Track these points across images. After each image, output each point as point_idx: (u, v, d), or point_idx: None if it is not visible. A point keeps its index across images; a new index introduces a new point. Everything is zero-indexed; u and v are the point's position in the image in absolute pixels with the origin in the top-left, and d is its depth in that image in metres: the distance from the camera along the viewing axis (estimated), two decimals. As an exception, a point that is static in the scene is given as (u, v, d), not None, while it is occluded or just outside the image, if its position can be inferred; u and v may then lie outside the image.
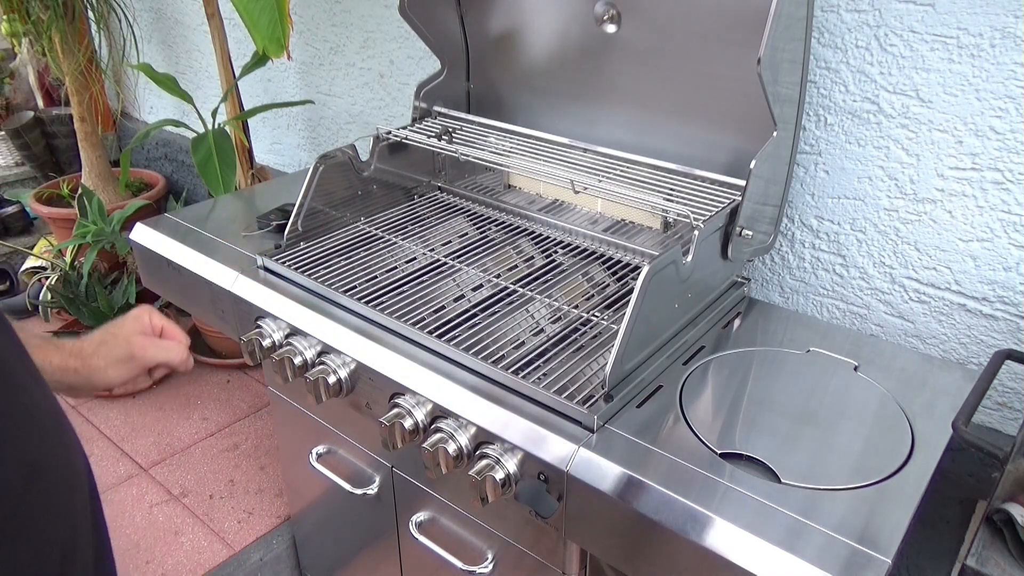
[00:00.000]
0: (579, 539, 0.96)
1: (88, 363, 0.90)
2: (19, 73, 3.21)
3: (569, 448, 0.89)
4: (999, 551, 0.85)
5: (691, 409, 0.97)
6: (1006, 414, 1.16)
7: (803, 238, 1.29)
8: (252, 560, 1.62)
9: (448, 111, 1.47)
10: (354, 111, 2.02)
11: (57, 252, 2.31)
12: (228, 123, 1.99)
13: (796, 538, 0.77)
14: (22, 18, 2.27)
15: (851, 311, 1.28)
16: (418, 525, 1.20)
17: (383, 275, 1.24)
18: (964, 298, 1.15)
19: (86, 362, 0.90)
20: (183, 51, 2.57)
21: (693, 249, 1.02)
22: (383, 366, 1.06)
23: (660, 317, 1.03)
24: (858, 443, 0.92)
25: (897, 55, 1.10)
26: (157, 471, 1.83)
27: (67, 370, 0.88)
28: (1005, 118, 1.04)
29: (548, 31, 1.34)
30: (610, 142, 1.30)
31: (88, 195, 2.19)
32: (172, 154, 2.79)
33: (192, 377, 2.17)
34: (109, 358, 0.92)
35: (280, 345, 1.18)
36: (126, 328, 0.96)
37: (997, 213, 1.08)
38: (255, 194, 1.70)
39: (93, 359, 0.91)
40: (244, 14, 1.56)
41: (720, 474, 0.86)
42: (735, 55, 1.11)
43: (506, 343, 1.06)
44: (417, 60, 1.78)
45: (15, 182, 3.11)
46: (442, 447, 0.96)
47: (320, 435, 1.33)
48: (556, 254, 1.32)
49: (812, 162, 1.24)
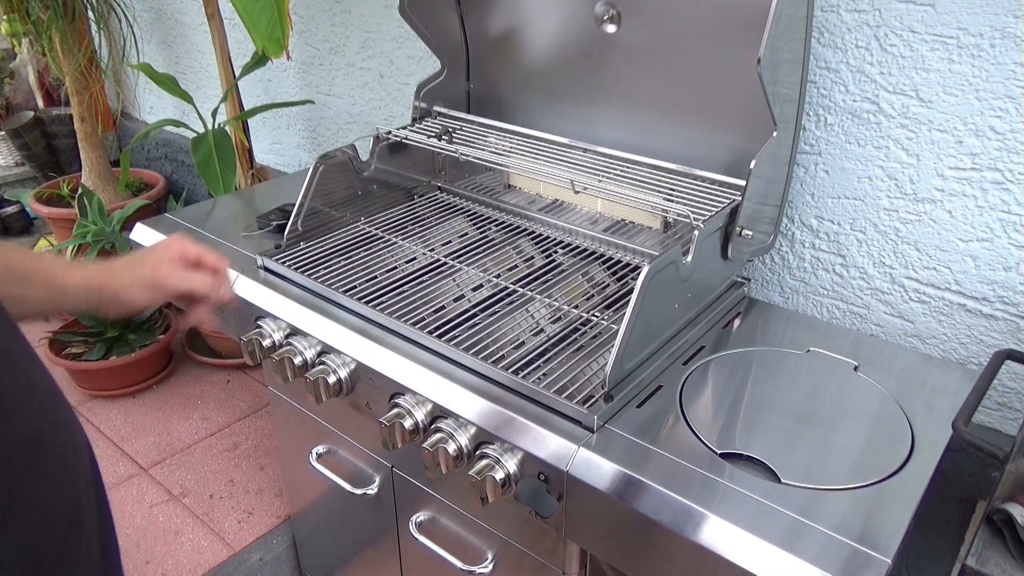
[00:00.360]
0: (579, 539, 0.96)
1: (114, 280, 0.88)
2: (19, 73, 3.21)
3: (569, 448, 0.89)
4: (999, 551, 0.85)
5: (691, 409, 0.97)
6: (1006, 414, 1.16)
7: (803, 238, 1.29)
8: (252, 560, 1.62)
9: (448, 111, 1.47)
10: (354, 111, 2.02)
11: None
12: (228, 123, 1.99)
13: (796, 538, 0.77)
14: (22, 18, 2.27)
15: (851, 311, 1.28)
16: (418, 525, 1.20)
17: (383, 275, 1.24)
18: (964, 298, 1.15)
19: (112, 278, 0.88)
20: (183, 51, 2.57)
21: (693, 249, 1.02)
22: (383, 366, 1.06)
23: (660, 317, 1.03)
24: (858, 443, 0.92)
25: (897, 55, 1.10)
26: (157, 471, 1.83)
27: (91, 288, 0.86)
28: (1005, 118, 1.04)
29: (548, 31, 1.34)
30: (610, 142, 1.30)
31: (88, 195, 2.19)
32: (172, 154, 2.79)
33: (192, 377, 2.17)
34: (135, 278, 0.90)
35: (280, 345, 1.18)
36: (156, 254, 0.94)
37: (997, 213, 1.08)
38: (255, 194, 1.70)
39: (119, 277, 0.89)
40: (244, 14, 1.56)
41: (720, 474, 0.86)
42: (735, 55, 1.11)
43: (506, 343, 1.06)
44: (417, 60, 1.78)
45: (15, 182, 3.11)
46: (442, 447, 0.96)
47: (320, 435, 1.33)
48: (556, 254, 1.32)
49: (812, 162, 1.24)
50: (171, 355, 2.21)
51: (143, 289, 0.91)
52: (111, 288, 0.88)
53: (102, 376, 2.05)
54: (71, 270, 0.86)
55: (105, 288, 0.88)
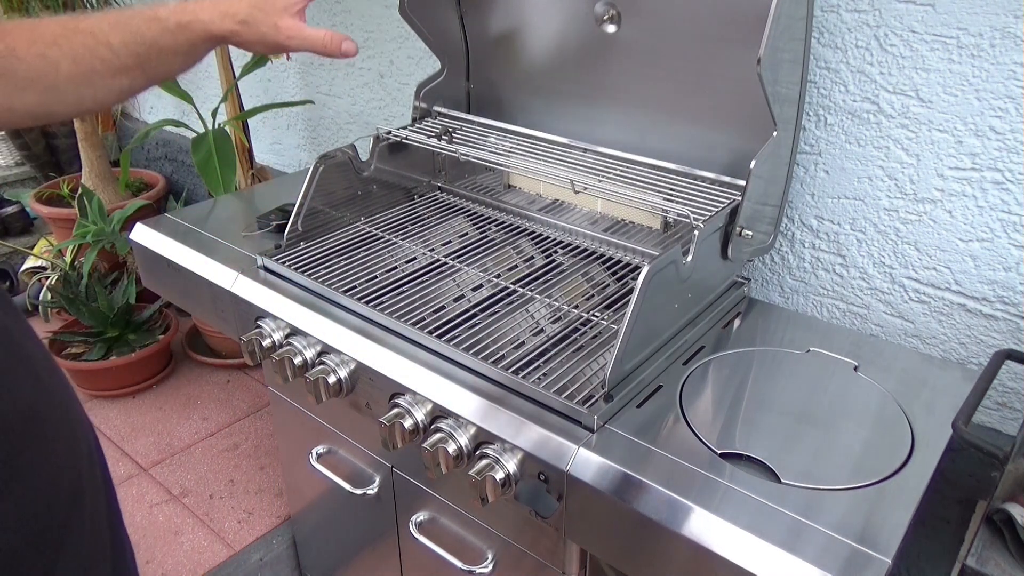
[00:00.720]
0: (579, 539, 0.96)
1: (202, 12, 0.71)
2: (19, 73, 3.20)
3: (569, 448, 0.89)
4: (999, 551, 0.85)
5: (691, 409, 0.97)
6: (1006, 414, 1.16)
7: (803, 238, 1.29)
8: (252, 560, 1.62)
9: (448, 111, 1.47)
10: (354, 111, 2.02)
11: (57, 252, 2.31)
12: (228, 123, 1.99)
13: (796, 538, 0.77)
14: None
15: (851, 311, 1.28)
16: (418, 525, 1.20)
17: (383, 275, 1.24)
18: (964, 298, 1.15)
19: (200, 9, 0.70)
20: (183, 51, 2.56)
21: (693, 249, 1.02)
22: (383, 366, 1.06)
23: (660, 317, 1.03)
24: (858, 443, 0.92)
25: (897, 55, 1.10)
26: (157, 471, 1.83)
27: (165, 28, 0.68)
28: (1005, 118, 1.04)
29: (548, 31, 1.34)
30: (610, 142, 1.30)
31: (88, 195, 2.19)
32: (172, 154, 2.79)
33: (192, 377, 2.17)
34: (255, 35, 0.76)
35: (280, 345, 1.18)
36: (276, 4, 0.79)
37: (997, 213, 1.08)
38: (255, 194, 1.70)
39: (241, 30, 0.73)
40: (244, 14, 1.55)
41: (720, 474, 0.86)
42: (735, 55, 1.11)
43: (506, 343, 1.06)
44: (417, 60, 1.78)
45: (15, 182, 3.10)
46: (442, 447, 0.96)
47: (320, 435, 1.33)
48: (556, 254, 1.32)
49: (812, 162, 1.24)
50: (171, 355, 2.21)
51: (258, 44, 0.76)
52: (196, 26, 0.70)
53: (102, 376, 2.05)
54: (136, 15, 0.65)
55: (190, 26, 0.69)
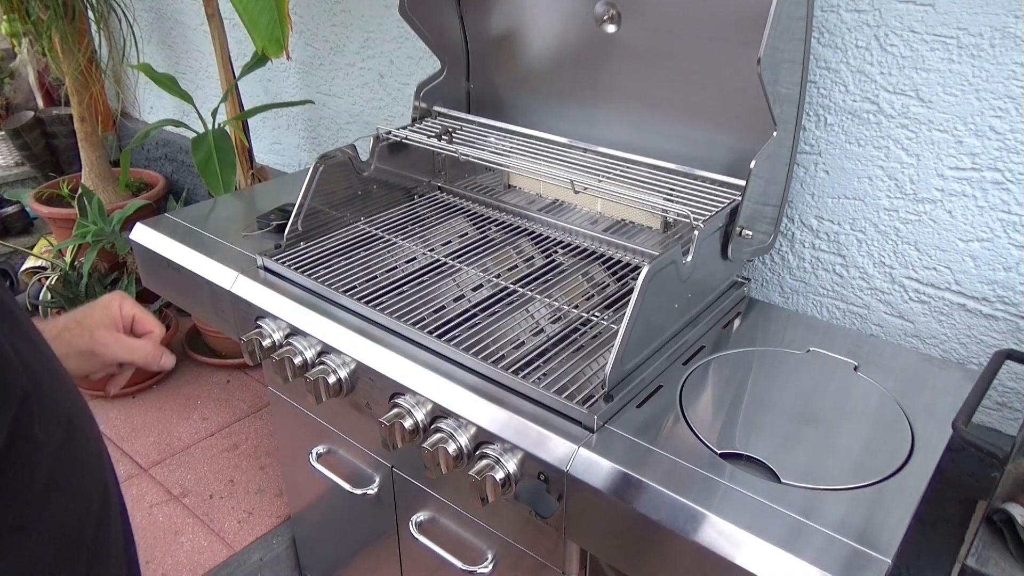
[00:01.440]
0: (579, 539, 0.96)
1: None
2: (19, 73, 3.21)
3: (569, 448, 0.89)
4: (999, 551, 0.85)
5: (691, 409, 0.97)
6: (1006, 414, 1.16)
7: (803, 238, 1.29)
8: (252, 560, 1.62)
9: (448, 111, 1.47)
10: (354, 111, 2.02)
11: (57, 252, 2.31)
12: (228, 123, 1.99)
13: (796, 538, 0.77)
14: (22, 18, 2.26)
15: (851, 311, 1.28)
16: (418, 525, 1.20)
17: (383, 275, 1.24)
18: (964, 298, 1.15)
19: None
20: (183, 51, 2.56)
21: (693, 249, 1.02)
22: (383, 366, 1.06)
23: (660, 317, 1.03)
24: (858, 443, 0.92)
25: (897, 55, 1.10)
26: (157, 471, 1.83)
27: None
28: (1005, 118, 1.04)
29: (548, 31, 1.34)
30: (610, 142, 1.30)
31: (88, 195, 2.19)
32: (172, 154, 2.79)
33: (192, 377, 2.17)
34: (70, 347, 0.83)
35: (280, 345, 1.18)
36: (93, 317, 0.86)
37: (997, 213, 1.08)
38: (255, 194, 1.70)
39: (53, 344, 0.81)
40: (243, 14, 1.56)
41: (720, 474, 0.86)
42: (735, 55, 1.11)
43: (506, 343, 1.06)
44: (417, 60, 1.78)
45: (15, 182, 3.10)
46: (442, 447, 0.96)
47: (320, 435, 1.33)
48: (556, 254, 1.32)
49: (812, 162, 1.24)
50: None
51: (79, 357, 0.84)
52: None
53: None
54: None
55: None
